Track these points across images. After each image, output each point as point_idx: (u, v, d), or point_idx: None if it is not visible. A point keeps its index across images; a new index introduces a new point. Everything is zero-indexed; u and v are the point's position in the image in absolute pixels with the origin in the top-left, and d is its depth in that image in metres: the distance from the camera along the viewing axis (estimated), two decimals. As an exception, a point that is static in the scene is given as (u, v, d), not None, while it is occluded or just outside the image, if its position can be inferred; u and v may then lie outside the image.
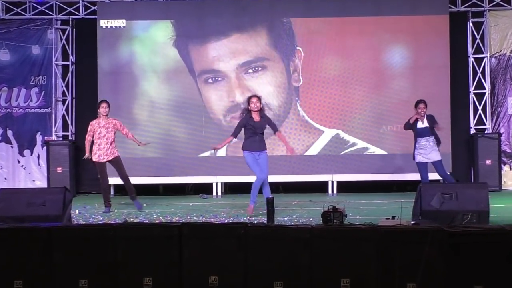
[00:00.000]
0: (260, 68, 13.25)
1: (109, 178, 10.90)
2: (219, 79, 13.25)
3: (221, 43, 13.25)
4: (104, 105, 10.74)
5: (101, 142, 10.57)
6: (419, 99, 10.96)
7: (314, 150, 13.22)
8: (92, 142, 10.66)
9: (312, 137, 13.24)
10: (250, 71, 13.24)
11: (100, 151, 10.58)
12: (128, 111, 13.11)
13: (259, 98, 10.00)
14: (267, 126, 9.97)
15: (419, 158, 10.73)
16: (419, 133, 10.80)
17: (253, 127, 9.80)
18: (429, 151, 10.75)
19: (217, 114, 13.23)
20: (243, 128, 9.87)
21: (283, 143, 10.47)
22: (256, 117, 9.87)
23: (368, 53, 13.19)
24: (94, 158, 10.60)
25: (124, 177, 10.76)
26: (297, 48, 13.27)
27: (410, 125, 10.80)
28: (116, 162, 10.70)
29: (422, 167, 10.73)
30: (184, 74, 13.26)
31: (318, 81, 13.23)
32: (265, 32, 13.26)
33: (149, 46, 13.33)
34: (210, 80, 13.28)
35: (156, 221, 9.10)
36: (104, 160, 10.61)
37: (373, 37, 13.21)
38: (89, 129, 10.72)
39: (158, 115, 13.21)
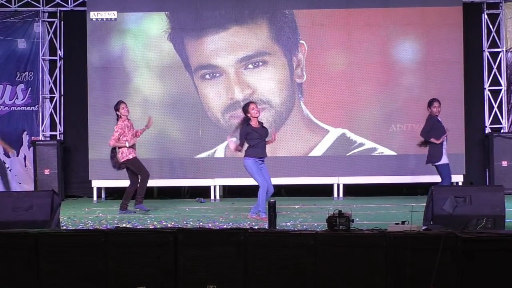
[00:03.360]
0: (260, 63, 13.24)
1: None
2: (217, 75, 13.25)
3: (219, 37, 13.23)
4: (123, 105, 11.19)
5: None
6: (433, 98, 11.02)
7: (318, 151, 13.22)
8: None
9: (317, 137, 13.23)
10: (250, 66, 13.24)
11: (132, 148, 11.10)
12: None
13: (256, 105, 10.41)
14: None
15: (446, 159, 10.78)
16: (443, 132, 10.84)
17: (258, 133, 10.18)
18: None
19: (214, 112, 13.23)
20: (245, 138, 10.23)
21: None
22: (256, 123, 10.25)
23: (376, 47, 13.17)
24: (131, 156, 11.05)
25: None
26: (300, 42, 13.27)
27: (432, 124, 10.84)
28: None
29: (448, 168, 10.78)
30: (180, 69, 13.25)
31: (322, 77, 13.22)
32: (266, 25, 13.25)
33: (142, 39, 13.32)
34: (207, 76, 13.27)
35: (150, 227, 9.11)
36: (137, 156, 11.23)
37: (381, 30, 13.20)
38: (118, 134, 11.06)
39: (152, 113, 13.13)
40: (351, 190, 13.18)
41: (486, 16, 13.53)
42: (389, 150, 13.17)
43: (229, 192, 13.60)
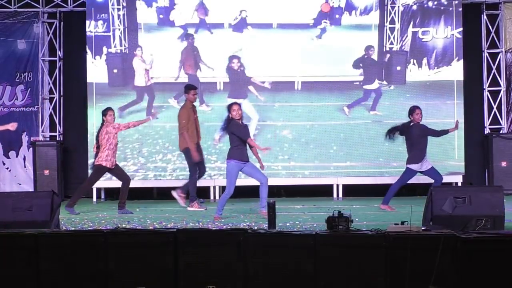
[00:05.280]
0: (261, 64, 13.26)
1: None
2: (218, 75, 13.25)
3: (219, 37, 13.27)
4: (111, 112, 11.19)
5: (115, 150, 11.14)
6: (415, 105, 11.07)
7: (318, 151, 13.20)
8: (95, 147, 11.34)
9: (317, 137, 13.23)
10: (251, 66, 13.26)
11: (114, 158, 11.12)
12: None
13: (239, 106, 10.30)
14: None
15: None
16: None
17: (239, 135, 10.10)
18: None
19: (215, 112, 13.23)
20: (229, 135, 10.18)
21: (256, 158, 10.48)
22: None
23: (375, 47, 13.21)
24: (108, 165, 11.02)
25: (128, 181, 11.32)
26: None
27: (404, 129, 10.93)
28: (118, 168, 11.31)
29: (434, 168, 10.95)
30: (180, 69, 13.26)
31: (322, 78, 13.23)
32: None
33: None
34: (208, 76, 13.27)
35: (150, 227, 9.11)
36: (113, 168, 11.16)
37: (381, 30, 13.22)
38: (110, 133, 11.03)
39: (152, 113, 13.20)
40: (350, 191, 13.17)
41: (485, 17, 13.54)
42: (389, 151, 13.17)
43: (228, 192, 13.57)
